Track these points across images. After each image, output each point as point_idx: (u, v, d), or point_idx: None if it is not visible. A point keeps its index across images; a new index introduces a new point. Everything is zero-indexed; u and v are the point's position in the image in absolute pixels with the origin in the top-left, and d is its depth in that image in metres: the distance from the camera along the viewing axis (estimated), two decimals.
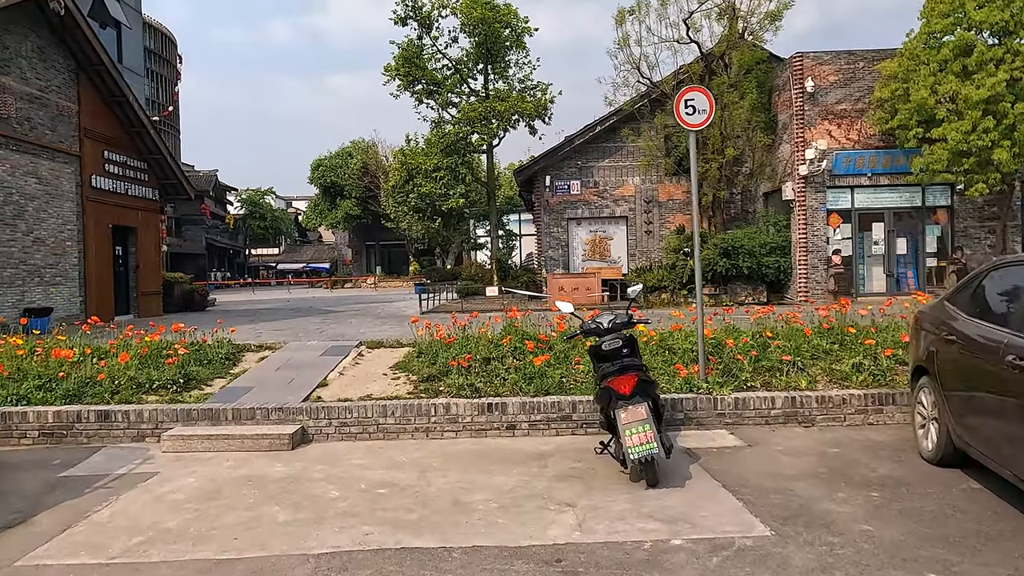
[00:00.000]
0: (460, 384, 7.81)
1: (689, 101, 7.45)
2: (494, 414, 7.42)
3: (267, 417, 7.46)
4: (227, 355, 9.65)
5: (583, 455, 6.61)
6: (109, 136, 19.91)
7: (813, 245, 20.32)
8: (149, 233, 21.92)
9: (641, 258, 24.10)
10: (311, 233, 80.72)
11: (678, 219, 23.99)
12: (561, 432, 7.42)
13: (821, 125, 20.16)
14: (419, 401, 7.54)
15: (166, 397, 8.07)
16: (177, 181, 22.80)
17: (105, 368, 8.59)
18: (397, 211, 36.11)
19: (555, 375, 7.98)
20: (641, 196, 24.10)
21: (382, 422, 7.43)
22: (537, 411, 7.42)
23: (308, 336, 13.55)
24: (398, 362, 9.24)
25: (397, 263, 56.26)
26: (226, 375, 9.03)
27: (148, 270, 21.72)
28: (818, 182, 20.19)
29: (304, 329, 15.30)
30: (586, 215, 24.16)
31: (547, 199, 24.13)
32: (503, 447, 7.02)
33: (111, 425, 7.52)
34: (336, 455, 6.87)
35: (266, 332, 14.61)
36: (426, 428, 7.43)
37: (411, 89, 23.54)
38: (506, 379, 7.95)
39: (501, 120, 21.46)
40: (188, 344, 9.67)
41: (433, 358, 8.81)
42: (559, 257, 24.17)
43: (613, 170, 24.19)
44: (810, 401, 7.44)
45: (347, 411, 7.44)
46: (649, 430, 5.48)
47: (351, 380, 8.64)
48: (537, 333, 9.14)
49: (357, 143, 51.86)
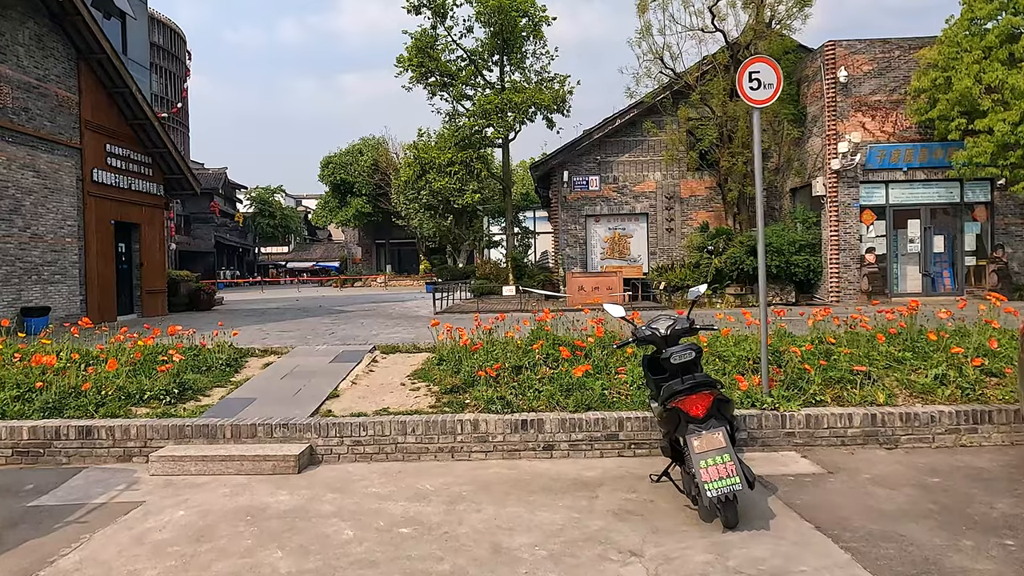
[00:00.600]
0: (489, 397, 6.83)
1: (754, 74, 6.44)
2: (529, 432, 6.45)
3: (270, 434, 6.51)
4: (228, 361, 8.70)
5: (637, 484, 5.63)
6: (111, 128, 19.03)
7: (845, 243, 19.25)
8: (153, 230, 21.04)
9: (662, 256, 23.07)
10: (321, 231, 79.95)
11: (701, 216, 22.95)
12: (606, 454, 6.43)
13: (854, 117, 19.09)
14: (443, 417, 6.56)
15: (158, 410, 7.12)
16: (183, 176, 21.90)
17: (92, 376, 7.67)
18: (408, 208, 35.20)
19: (596, 387, 6.99)
20: (662, 192, 23.06)
21: (401, 441, 6.46)
22: (578, 429, 6.44)
23: (317, 339, 12.61)
24: (417, 370, 8.27)
25: (407, 262, 55.34)
26: (226, 384, 8.08)
27: (152, 268, 20.84)
28: (851, 177, 19.12)
29: (313, 331, 14.37)
30: (605, 212, 23.15)
31: (564, 195, 23.12)
32: (541, 472, 6.04)
33: (94, 443, 6.58)
34: (349, 481, 5.90)
35: (273, 334, 13.68)
36: (451, 448, 6.46)
37: (424, 81, 22.52)
38: (540, 391, 6.97)
39: (518, 112, 20.43)
40: (185, 349, 8.73)
41: (456, 366, 7.85)
42: (577, 255, 23.16)
43: (633, 165, 23.16)
44: (893, 419, 6.42)
45: (361, 428, 6.48)
46: (729, 461, 4.50)
47: (365, 391, 7.68)
48: (573, 339, 8.13)
49: (367, 140, 50.97)
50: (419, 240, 47.98)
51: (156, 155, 21.02)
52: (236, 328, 15.41)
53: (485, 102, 20.62)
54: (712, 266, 20.31)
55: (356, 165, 48.73)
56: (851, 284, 19.26)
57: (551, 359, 7.75)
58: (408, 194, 33.92)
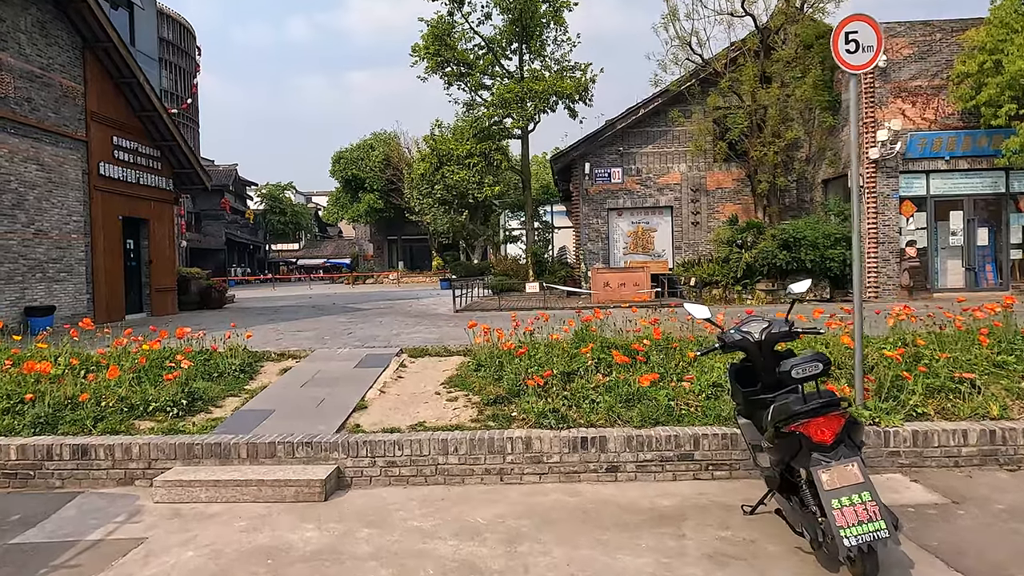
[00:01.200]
0: (540, 410, 5.92)
1: (851, 34, 5.51)
2: (590, 452, 5.55)
3: (292, 454, 5.63)
4: (242, 367, 7.84)
5: (727, 517, 4.72)
6: (119, 120, 18.19)
7: (884, 236, 18.24)
8: (163, 225, 20.22)
9: (688, 251, 22.10)
10: (331, 228, 79.24)
11: (728, 209, 21.96)
12: (679, 476, 5.53)
13: (893, 104, 18.06)
14: (490, 434, 5.67)
15: (164, 424, 6.26)
16: (192, 170, 21.07)
17: (91, 385, 6.81)
18: (422, 204, 34.34)
19: (660, 397, 6.08)
20: (688, 185, 22.09)
21: (442, 462, 5.58)
22: (647, 448, 5.53)
23: (335, 340, 11.74)
24: (451, 377, 7.38)
25: (420, 258, 54.51)
26: (240, 393, 7.21)
27: (162, 265, 20.02)
28: (890, 167, 18.10)
29: (330, 331, 13.51)
30: (628, 205, 22.20)
31: (586, 188, 22.19)
32: (608, 499, 5.15)
33: (91, 464, 5.72)
34: (385, 511, 5.02)
35: (287, 335, 12.83)
36: (500, 470, 5.57)
37: (441, 71, 21.59)
38: (597, 403, 6.06)
39: (539, 102, 19.48)
40: (195, 353, 7.86)
41: (497, 372, 6.96)
42: (599, 250, 22.23)
43: (657, 156, 22.20)
44: (1015, 436, 5.49)
45: (396, 446, 5.59)
46: (871, 501, 3.58)
47: (396, 401, 6.79)
48: (628, 342, 7.21)
49: (379, 135, 50.08)
50: (431, 236, 47.11)
51: (165, 148, 20.19)
52: (249, 328, 14.57)
53: (505, 91, 19.65)
54: (742, 261, 19.35)
55: (367, 160, 47.86)
56: (890, 279, 18.26)
57: (603, 364, 6.85)
58: (422, 189, 33.03)
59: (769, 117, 19.22)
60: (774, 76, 19.66)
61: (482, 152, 19.95)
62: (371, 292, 32.72)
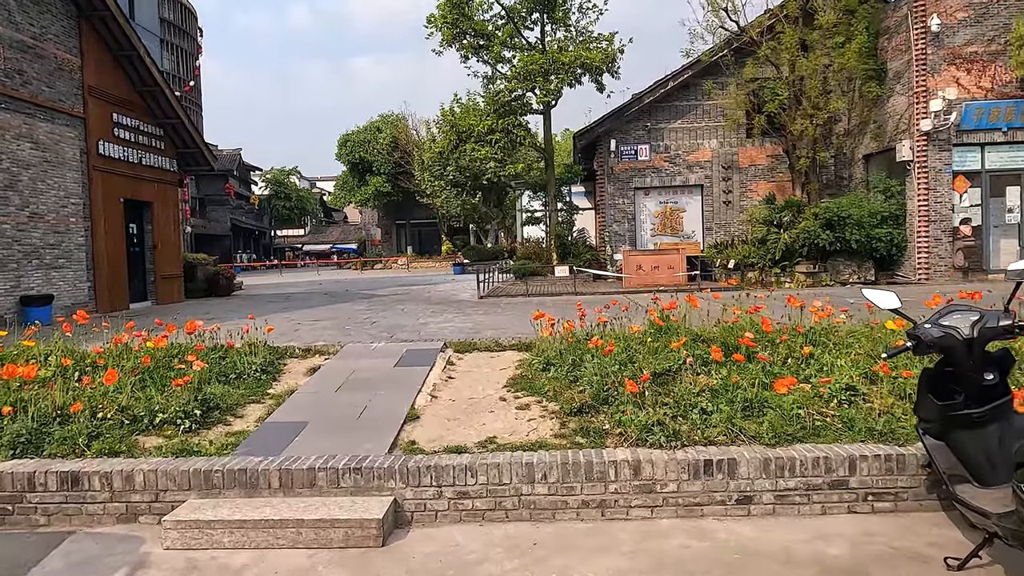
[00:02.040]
0: (643, 423, 4.70)
1: None
2: (715, 478, 4.33)
3: (336, 482, 4.42)
4: (263, 366, 6.61)
5: (925, 572, 3.52)
6: (118, 96, 16.89)
7: (936, 214, 16.95)
8: (167, 208, 18.97)
9: (719, 231, 20.82)
10: (337, 213, 77.91)
11: (761, 187, 20.66)
12: (829, 508, 4.31)
13: (947, 71, 16.70)
14: (587, 455, 4.45)
15: (174, 440, 5.06)
16: (197, 150, 19.79)
17: (86, 392, 5.60)
18: (433, 186, 32.99)
19: (787, 405, 4.86)
20: (719, 162, 20.77)
21: (527, 492, 4.36)
22: (789, 473, 4.32)
23: (359, 330, 10.52)
24: (513, 377, 6.16)
25: (428, 243, 53.18)
26: (263, 399, 5.99)
27: (167, 250, 18.80)
28: (942, 139, 16.78)
29: (351, 319, 12.29)
30: (656, 184, 20.89)
31: (611, 166, 20.87)
32: (750, 544, 3.93)
33: (84, 495, 4.52)
34: (463, 564, 3.81)
35: (305, 325, 11.61)
36: (600, 502, 4.35)
37: (458, 42, 20.16)
38: (709, 412, 4.84)
39: (565, 74, 18.08)
40: (208, 351, 6.64)
41: (572, 372, 5.74)
42: (625, 232, 20.95)
43: (687, 132, 20.86)
44: None
45: (468, 472, 4.38)
46: None
47: (452, 409, 5.57)
48: (739, 335, 5.95)
49: (386, 117, 48.57)
50: (441, 220, 45.82)
51: (168, 127, 18.91)
52: (264, 315, 13.38)
53: (528, 62, 18.22)
54: (781, 241, 18.08)
55: (375, 143, 46.37)
56: (942, 260, 16.99)
57: (699, 362, 5.62)
58: (434, 170, 31.67)
59: (810, 87, 17.88)
60: (814, 44, 18.29)
61: (504, 128, 18.59)
62: (382, 278, 31.49)
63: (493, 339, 7.80)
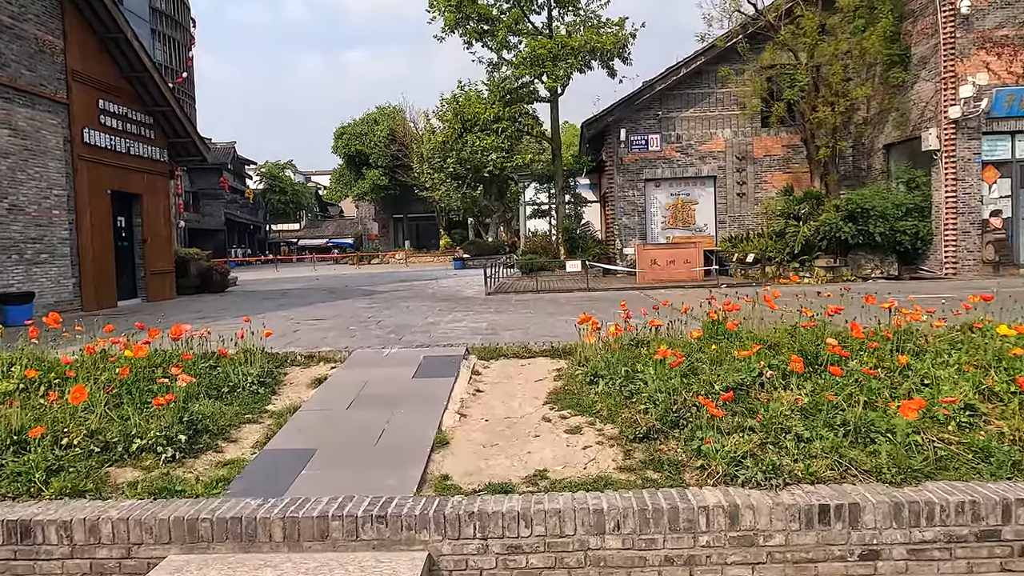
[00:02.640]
0: (731, 454, 3.78)
1: None
2: (833, 528, 3.42)
3: (355, 534, 3.49)
4: (261, 377, 5.68)
5: None
6: (105, 82, 15.83)
7: (964, 205, 16.08)
8: (157, 201, 17.93)
9: (732, 225, 19.91)
10: (332, 207, 76.76)
11: (776, 178, 19.75)
12: (976, 566, 3.41)
13: (976, 56, 15.80)
14: (673, 502, 3.53)
15: (153, 473, 4.13)
16: (189, 139, 18.75)
17: (50, 412, 4.66)
18: (433, 179, 32.02)
19: (902, 430, 3.95)
20: (732, 152, 19.85)
21: (595, 545, 3.45)
22: (926, 520, 3.41)
23: (364, 331, 9.59)
24: (555, 392, 5.24)
25: (426, 237, 52.14)
26: (261, 417, 5.06)
27: (157, 245, 17.77)
28: (971, 127, 15.89)
29: (354, 319, 11.34)
30: (667, 175, 19.96)
31: (621, 157, 19.94)
32: None
33: (36, 551, 3.58)
34: None
35: (304, 325, 10.65)
36: (688, 559, 3.44)
37: (461, 27, 19.12)
38: (806, 438, 3.93)
39: (575, 59, 17.08)
40: (196, 360, 5.69)
41: (626, 385, 4.83)
42: (635, 225, 20.03)
43: (699, 121, 19.93)
44: None
45: (519, 521, 3.46)
46: None
47: (488, 431, 4.64)
48: (817, 341, 5.03)
49: (383, 109, 47.49)
50: (439, 214, 44.83)
51: (158, 115, 17.86)
52: (260, 313, 12.44)
53: (536, 47, 17.19)
54: (800, 234, 17.19)
55: (371, 135, 45.27)
56: (971, 254, 16.13)
57: (779, 375, 4.71)
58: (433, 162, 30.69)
59: (832, 73, 16.96)
60: (834, 28, 17.38)
61: (511, 116, 17.59)
62: (381, 273, 30.52)
63: (520, 343, 6.88)
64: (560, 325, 9.39)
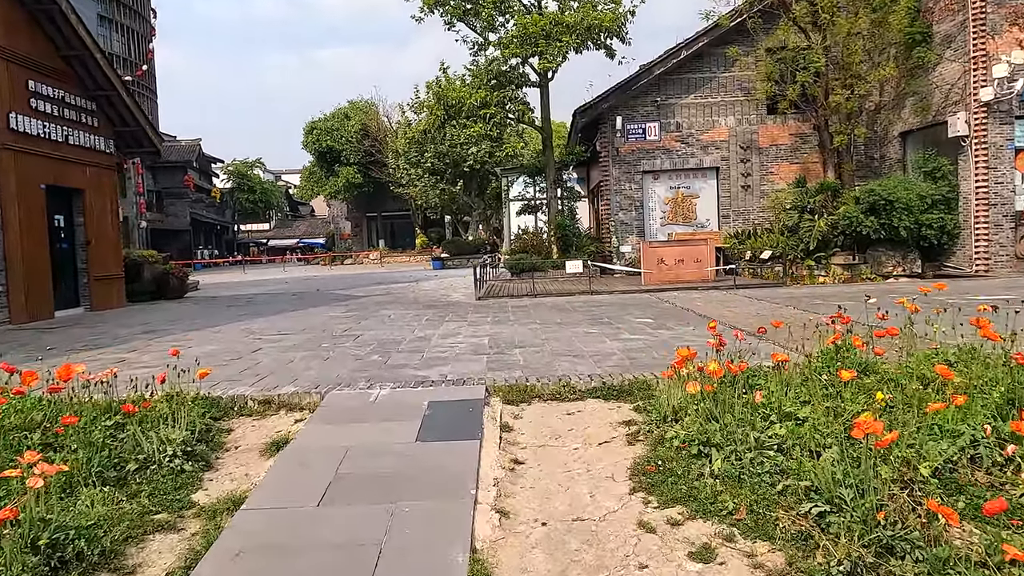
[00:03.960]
0: None
1: None
2: None
3: None
4: (190, 444, 3.75)
5: None
6: (35, 60, 13.63)
7: (996, 196, 14.59)
8: (103, 197, 15.73)
9: (736, 220, 18.26)
10: (303, 207, 74.12)
11: (783, 169, 18.13)
12: None
13: (1009, 33, 14.30)
14: None
15: None
16: (139, 128, 16.56)
17: None
18: (409, 174, 30.04)
19: None
20: (736, 141, 18.18)
21: None
22: None
23: (340, 349, 7.64)
24: (638, 466, 3.39)
25: (402, 236, 49.93)
26: (182, 519, 3.13)
27: (103, 247, 15.56)
28: (1004, 111, 14.40)
29: (327, 332, 9.38)
30: (667, 167, 18.24)
31: (617, 147, 18.17)
32: None
33: None
34: None
35: (268, 341, 8.67)
36: None
37: (443, 6, 17.09)
38: None
39: (570, 37, 15.19)
40: (88, 422, 3.74)
41: (757, 456, 3.00)
42: (632, 221, 18.28)
43: (701, 108, 18.23)
44: None
45: None
46: None
47: (551, 550, 2.77)
48: None
49: (355, 103, 45.15)
50: (414, 211, 42.75)
51: (102, 100, 15.66)
52: (217, 325, 10.43)
53: (529, 24, 15.26)
54: (815, 229, 15.59)
55: (343, 131, 42.97)
56: (1003, 248, 14.65)
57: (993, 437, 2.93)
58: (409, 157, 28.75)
59: (850, 52, 15.36)
60: (851, 3, 15.78)
61: (499, 101, 15.67)
62: (356, 275, 28.41)
63: (548, 374, 5.03)
64: (579, 339, 7.59)
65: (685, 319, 9.29)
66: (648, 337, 7.47)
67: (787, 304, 10.44)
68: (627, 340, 7.27)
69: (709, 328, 4.49)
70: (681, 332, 7.79)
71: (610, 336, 7.67)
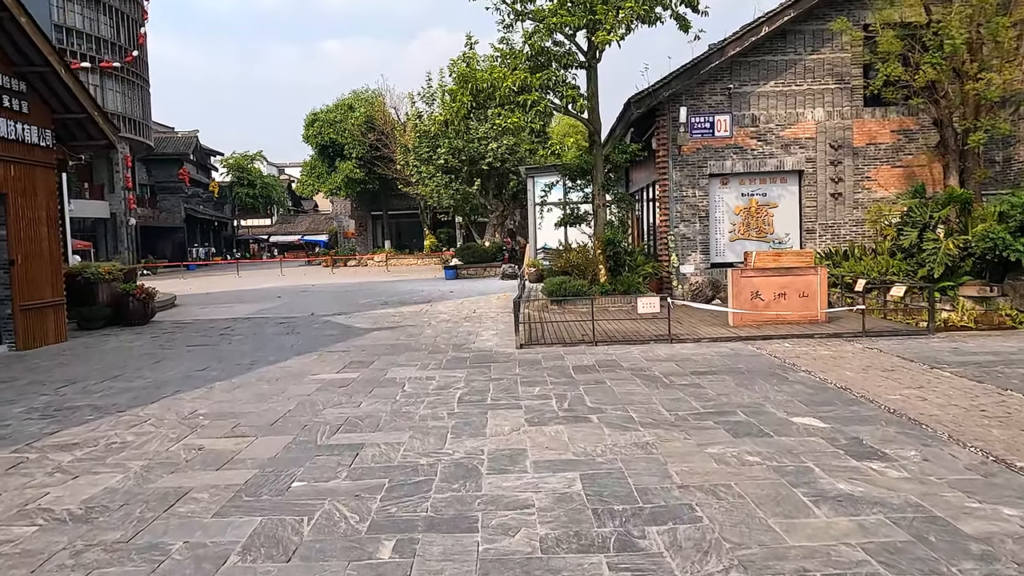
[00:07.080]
0: None
1: None
2: None
3: None
4: None
5: None
6: None
7: None
8: (36, 203, 12.08)
9: (824, 235, 14.58)
10: (306, 202, 70.37)
11: (883, 174, 14.43)
12: None
13: None
14: None
15: None
16: (85, 116, 12.91)
17: None
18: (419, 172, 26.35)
19: None
20: (826, 139, 14.49)
21: None
22: None
23: (315, 491, 4.05)
24: None
25: (409, 236, 46.18)
26: None
27: (35, 266, 11.94)
28: None
29: (301, 425, 5.74)
30: (739, 169, 14.57)
31: (678, 145, 14.52)
32: None
33: None
34: None
35: (209, 431, 5.00)
36: None
37: None
38: None
39: (635, 2, 11.47)
40: None
41: None
42: (694, 235, 14.63)
43: (782, 98, 14.55)
44: None
45: None
46: None
47: None
48: None
49: (359, 93, 41.34)
50: (423, 211, 39.04)
51: (35, 80, 12.04)
52: (164, 378, 6.73)
53: None
54: (941, 251, 11.91)
55: (346, 123, 39.15)
56: None
57: None
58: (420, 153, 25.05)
59: (999, 26, 11.66)
60: None
61: (543, 85, 11.99)
62: (358, 284, 24.72)
63: None
64: (747, 484, 3.96)
65: (861, 414, 5.73)
66: (865, 486, 3.83)
67: (995, 377, 6.76)
68: (838, 498, 3.67)
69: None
70: (906, 461, 4.20)
71: (792, 477, 4.14)
